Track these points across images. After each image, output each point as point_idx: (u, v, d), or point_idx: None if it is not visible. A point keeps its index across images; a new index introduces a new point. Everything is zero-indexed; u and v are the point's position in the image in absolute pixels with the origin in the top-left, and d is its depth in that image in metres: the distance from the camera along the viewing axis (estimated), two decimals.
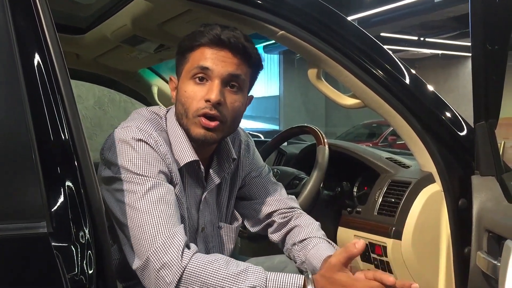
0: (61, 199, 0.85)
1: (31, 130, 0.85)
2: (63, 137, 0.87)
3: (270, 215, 1.41)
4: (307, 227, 1.37)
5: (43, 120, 0.87)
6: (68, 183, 0.86)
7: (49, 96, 0.88)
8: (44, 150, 0.86)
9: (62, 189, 0.86)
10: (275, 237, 1.42)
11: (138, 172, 1.12)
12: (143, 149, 1.15)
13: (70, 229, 0.85)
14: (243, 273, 1.05)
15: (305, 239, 1.34)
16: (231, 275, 1.04)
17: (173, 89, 1.27)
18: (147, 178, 1.12)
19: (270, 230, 1.43)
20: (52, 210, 0.84)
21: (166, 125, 1.26)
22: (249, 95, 1.29)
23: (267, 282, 1.05)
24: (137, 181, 1.12)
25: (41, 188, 0.84)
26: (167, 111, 1.29)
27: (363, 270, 1.09)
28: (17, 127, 0.87)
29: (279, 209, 1.41)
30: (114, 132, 1.19)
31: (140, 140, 1.15)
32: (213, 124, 1.18)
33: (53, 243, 0.83)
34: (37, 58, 0.89)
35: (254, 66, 1.26)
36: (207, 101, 1.17)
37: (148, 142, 1.16)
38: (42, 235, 0.83)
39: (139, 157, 1.14)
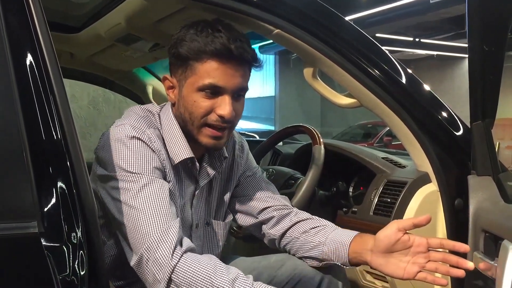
0: (53, 198, 0.84)
1: (22, 129, 0.84)
2: (55, 136, 0.86)
3: (264, 210, 1.41)
4: (316, 218, 1.39)
5: (34, 119, 0.86)
6: (60, 182, 0.85)
7: (41, 95, 0.86)
8: (36, 149, 0.84)
9: (53, 189, 0.85)
10: (273, 231, 1.40)
11: (132, 170, 1.13)
12: (137, 146, 1.16)
13: (62, 229, 0.84)
14: (230, 283, 1.03)
15: (319, 226, 1.35)
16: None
17: (169, 88, 1.26)
18: (141, 175, 1.13)
19: (267, 225, 1.41)
20: (44, 209, 0.83)
21: (160, 122, 1.26)
22: None
23: None
24: (131, 179, 1.12)
25: (32, 187, 0.83)
26: (161, 108, 1.29)
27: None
28: (8, 126, 0.85)
29: (274, 205, 1.40)
30: (108, 131, 1.19)
31: (133, 137, 1.16)
32: (222, 133, 1.22)
33: (44, 243, 0.82)
34: (29, 56, 0.88)
35: (253, 67, 1.27)
36: (220, 116, 1.18)
37: (142, 139, 1.17)
38: (33, 235, 0.81)
39: (132, 155, 1.15)
